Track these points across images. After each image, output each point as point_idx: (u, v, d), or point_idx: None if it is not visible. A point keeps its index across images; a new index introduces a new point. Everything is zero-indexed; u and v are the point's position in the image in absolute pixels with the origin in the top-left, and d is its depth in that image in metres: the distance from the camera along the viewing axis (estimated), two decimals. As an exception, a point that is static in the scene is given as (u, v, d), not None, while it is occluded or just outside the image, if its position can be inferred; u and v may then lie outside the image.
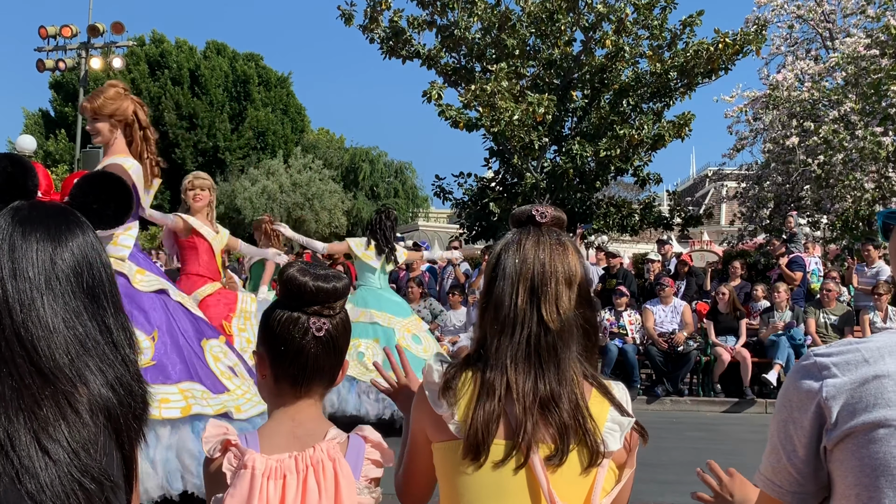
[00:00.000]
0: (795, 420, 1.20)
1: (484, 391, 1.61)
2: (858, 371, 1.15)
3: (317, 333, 1.69)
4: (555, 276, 1.65)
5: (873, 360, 1.15)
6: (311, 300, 1.70)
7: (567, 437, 1.57)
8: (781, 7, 16.62)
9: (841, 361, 1.17)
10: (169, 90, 33.60)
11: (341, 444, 1.70)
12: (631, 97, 15.94)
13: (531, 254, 1.66)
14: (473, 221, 17.13)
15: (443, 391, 1.65)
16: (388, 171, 38.67)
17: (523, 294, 1.64)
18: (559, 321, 1.63)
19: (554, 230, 1.72)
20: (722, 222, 29.91)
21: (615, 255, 12.37)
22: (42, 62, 18.60)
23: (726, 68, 15.67)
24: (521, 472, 1.58)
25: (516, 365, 1.61)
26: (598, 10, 15.50)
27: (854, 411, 1.13)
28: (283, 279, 1.71)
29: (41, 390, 1.13)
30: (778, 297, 10.32)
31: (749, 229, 16.86)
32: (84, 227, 1.26)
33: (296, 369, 1.71)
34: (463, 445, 1.60)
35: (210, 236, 6.03)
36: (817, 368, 1.19)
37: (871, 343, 1.18)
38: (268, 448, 1.67)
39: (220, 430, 1.71)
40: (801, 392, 1.19)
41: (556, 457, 1.57)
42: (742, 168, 17.78)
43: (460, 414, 1.62)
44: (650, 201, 17.47)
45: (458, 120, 15.82)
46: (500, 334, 1.64)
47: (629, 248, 20.70)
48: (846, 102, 13.55)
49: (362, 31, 16.52)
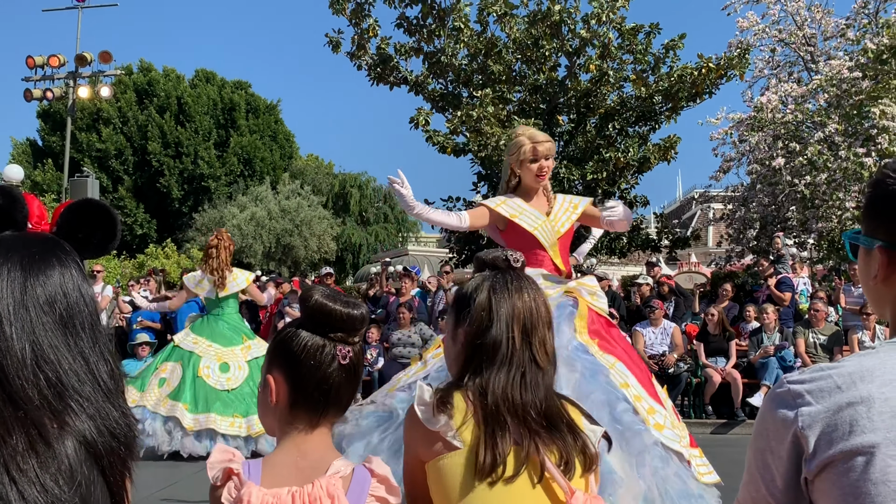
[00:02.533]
0: (773, 449, 1.18)
1: (485, 415, 1.74)
2: (832, 398, 1.13)
3: (342, 361, 1.65)
4: (541, 320, 1.84)
5: (846, 387, 1.13)
6: (339, 327, 1.65)
7: (570, 450, 1.76)
8: (763, 31, 16.86)
9: (815, 389, 1.15)
10: (154, 119, 33.63)
11: (344, 479, 1.64)
12: (616, 121, 16.08)
13: (518, 300, 1.83)
14: (463, 246, 17.17)
15: (438, 406, 1.73)
16: (377, 196, 38.74)
17: (518, 336, 1.81)
18: (547, 360, 1.84)
19: (524, 274, 1.92)
20: (709, 244, 30.08)
21: (604, 278, 12.40)
22: (30, 92, 18.60)
23: (710, 92, 15.84)
24: (538, 486, 1.72)
25: (512, 393, 1.76)
26: (581, 35, 15.67)
27: (831, 440, 1.11)
28: (309, 304, 1.65)
29: (11, 418, 1.10)
30: (767, 319, 10.36)
31: (736, 251, 16.96)
32: (64, 257, 1.24)
33: (318, 397, 1.65)
34: (474, 461, 1.70)
35: None
36: (791, 396, 1.17)
37: (843, 368, 1.16)
38: (269, 480, 1.62)
39: (226, 457, 1.65)
40: (777, 421, 1.17)
41: (564, 468, 1.74)
42: (728, 190, 17.92)
43: (458, 426, 1.72)
44: (638, 224, 17.55)
45: (445, 145, 15.91)
46: (496, 370, 1.79)
47: (617, 271, 20.75)
48: (829, 124, 13.72)
49: (350, 58, 16.63)
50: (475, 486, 1.69)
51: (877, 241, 1.26)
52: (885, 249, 1.24)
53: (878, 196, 1.26)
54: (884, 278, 1.25)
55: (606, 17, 15.39)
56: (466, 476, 1.70)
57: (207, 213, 30.82)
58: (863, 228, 1.30)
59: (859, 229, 1.33)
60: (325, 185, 37.04)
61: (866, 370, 1.15)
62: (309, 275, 23.86)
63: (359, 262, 34.82)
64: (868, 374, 1.14)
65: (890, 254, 1.24)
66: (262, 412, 1.73)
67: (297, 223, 31.07)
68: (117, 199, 32.68)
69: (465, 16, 16.13)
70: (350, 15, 16.30)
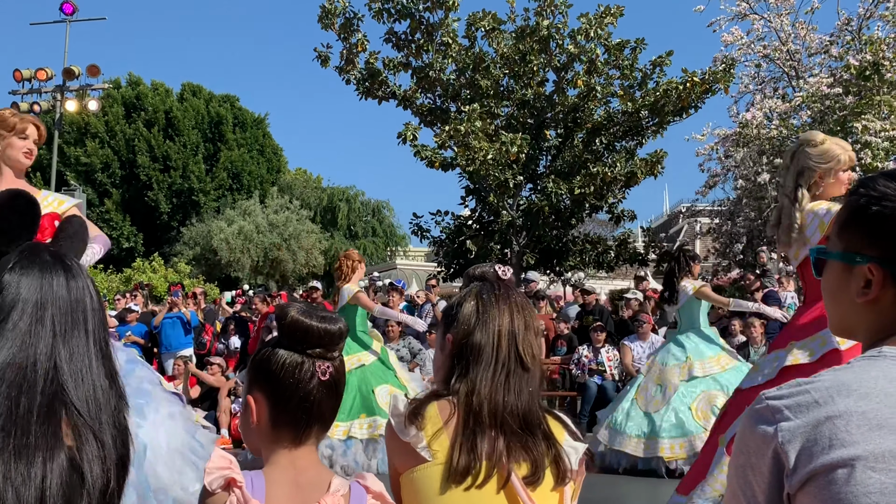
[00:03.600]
0: (753, 465, 1.18)
1: (467, 417, 1.76)
2: (811, 413, 1.14)
3: (322, 377, 1.64)
4: (527, 326, 1.88)
5: (823, 402, 1.14)
6: (316, 343, 1.64)
7: (541, 459, 1.76)
8: (748, 46, 17.04)
9: (793, 404, 1.16)
10: (142, 133, 33.56)
11: (344, 497, 1.63)
12: (604, 136, 16.19)
13: (505, 306, 1.88)
14: (451, 259, 17.18)
15: (409, 417, 1.75)
16: (366, 210, 38.74)
17: (505, 339, 1.85)
18: (533, 363, 1.86)
19: (512, 285, 1.97)
20: (696, 258, 30.17)
21: (591, 292, 12.44)
22: (17, 105, 18.52)
23: (696, 106, 15.98)
24: (501, 492, 1.72)
25: (496, 395, 1.79)
26: (569, 51, 15.79)
27: (812, 454, 1.12)
28: (286, 321, 1.64)
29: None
30: (753, 333, 10.39)
31: (723, 265, 17.06)
32: None
33: (300, 414, 1.64)
34: (447, 467, 1.71)
35: None
36: (770, 412, 1.17)
37: (820, 383, 1.17)
38: (272, 496, 1.60)
39: (225, 464, 1.62)
40: (757, 437, 1.18)
41: (533, 476, 1.74)
42: (715, 204, 18.05)
43: (428, 438, 1.74)
44: (625, 238, 17.63)
45: (433, 160, 15.96)
46: (482, 369, 1.81)
47: (605, 285, 20.82)
48: (814, 139, 13.84)
49: (339, 72, 16.69)
50: (443, 496, 1.71)
51: (863, 257, 1.24)
52: (880, 267, 1.22)
53: (863, 209, 1.23)
54: (876, 298, 1.23)
55: (594, 32, 15.52)
56: (435, 487, 1.72)
57: (195, 227, 30.71)
58: (839, 244, 1.29)
59: (823, 246, 1.32)
60: (313, 199, 37.00)
61: (843, 384, 1.16)
62: (297, 289, 23.80)
63: (347, 276, 34.71)
64: (845, 388, 1.15)
65: (885, 272, 1.22)
66: (244, 433, 1.72)
67: (286, 237, 31.00)
68: (103, 212, 32.52)
69: (453, 31, 16.23)
70: (339, 30, 16.37)
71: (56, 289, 1.24)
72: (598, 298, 12.97)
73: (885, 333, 1.25)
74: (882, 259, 1.22)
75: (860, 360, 1.21)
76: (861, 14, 16.06)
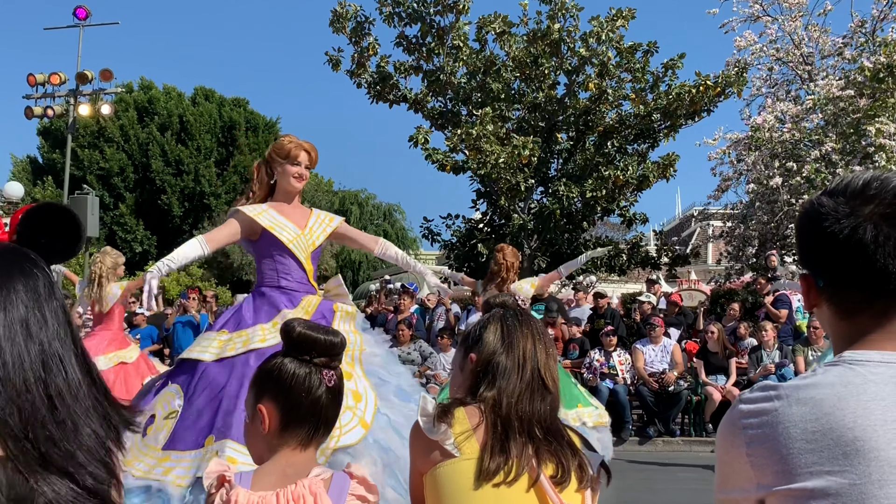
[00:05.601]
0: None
1: (495, 421, 1.84)
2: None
3: (328, 384, 1.78)
4: (547, 353, 1.98)
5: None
6: (322, 353, 1.78)
7: (567, 463, 1.84)
8: (761, 50, 16.94)
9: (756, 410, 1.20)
10: (156, 137, 33.75)
11: (325, 480, 1.75)
12: (615, 139, 16.14)
13: (528, 332, 1.99)
14: (462, 263, 17.16)
15: (439, 416, 1.83)
16: (377, 213, 38.81)
17: (529, 368, 1.94)
18: (554, 386, 1.96)
19: (530, 314, 2.08)
20: (709, 261, 30.05)
21: (603, 296, 12.39)
22: (30, 109, 18.64)
23: (709, 110, 15.92)
24: (531, 491, 1.80)
25: (522, 403, 1.88)
26: (580, 54, 15.75)
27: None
28: (294, 335, 1.78)
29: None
30: (765, 336, 10.33)
31: (736, 268, 16.95)
32: (29, 268, 1.20)
33: (310, 420, 1.78)
34: (478, 466, 1.78)
35: None
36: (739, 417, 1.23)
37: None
38: (258, 486, 1.74)
39: (221, 467, 1.78)
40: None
41: (559, 477, 1.82)
42: (727, 207, 17.95)
43: (456, 436, 1.82)
44: (637, 241, 17.56)
45: (444, 163, 15.96)
46: (508, 381, 1.91)
47: (617, 288, 20.74)
48: (827, 142, 13.76)
49: (350, 76, 16.72)
50: (471, 493, 1.77)
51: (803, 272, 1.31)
52: (807, 279, 1.30)
53: (805, 229, 1.30)
54: (809, 307, 1.31)
55: (606, 36, 15.48)
56: (463, 483, 1.78)
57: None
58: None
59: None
60: (324, 202, 37.03)
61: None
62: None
63: (358, 280, 34.80)
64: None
65: (809, 282, 1.29)
66: (251, 442, 1.85)
67: (297, 240, 31.01)
68: (117, 215, 32.72)
69: (464, 34, 16.24)
70: (350, 34, 16.41)
71: None
72: (610, 302, 12.92)
73: None
74: (810, 272, 1.30)
75: (821, 369, 1.25)
76: (875, 16, 15.94)
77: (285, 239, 3.88)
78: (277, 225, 3.91)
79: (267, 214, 3.93)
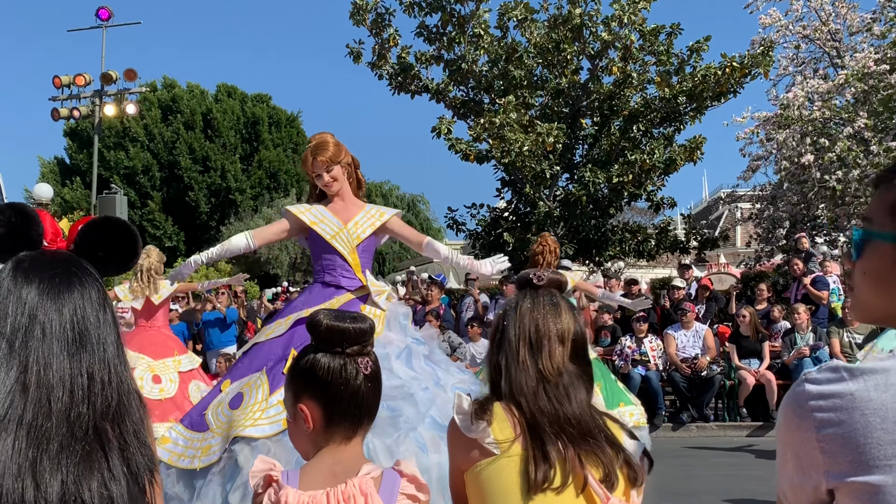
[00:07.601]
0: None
1: (528, 418, 1.80)
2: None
3: (365, 372, 1.74)
4: (548, 335, 1.87)
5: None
6: (353, 342, 1.74)
7: (611, 463, 1.78)
8: (786, 28, 16.65)
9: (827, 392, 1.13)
10: (182, 135, 34.08)
11: (375, 479, 1.71)
12: (641, 123, 15.96)
13: (527, 316, 1.89)
14: (488, 252, 17.08)
15: (476, 413, 1.80)
16: (401, 204, 38.80)
17: (523, 351, 1.86)
18: (555, 373, 1.84)
19: (549, 291, 1.94)
20: (738, 244, 29.72)
21: (636, 282, 12.28)
22: (57, 111, 18.86)
23: (735, 91, 15.68)
24: (581, 496, 1.75)
25: (539, 400, 1.82)
26: (603, 38, 15.57)
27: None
28: (322, 328, 1.74)
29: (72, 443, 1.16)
30: (799, 319, 10.19)
31: (766, 250, 16.73)
32: (85, 278, 1.24)
33: (353, 411, 1.74)
34: (528, 475, 1.74)
35: None
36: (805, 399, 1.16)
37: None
38: (306, 485, 1.70)
39: (267, 466, 1.75)
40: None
41: (606, 480, 1.77)
42: (755, 189, 17.70)
43: (495, 433, 1.78)
44: (665, 226, 17.39)
45: (468, 153, 15.89)
46: (514, 380, 1.85)
47: (646, 274, 20.57)
48: (858, 119, 13.49)
49: (371, 68, 16.69)
50: (519, 497, 1.73)
51: None
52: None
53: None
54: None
55: (628, 18, 15.29)
56: (508, 480, 1.75)
57: (234, 226, 31.07)
58: (891, 224, 1.18)
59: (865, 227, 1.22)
60: (349, 195, 37.23)
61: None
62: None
63: (384, 271, 34.88)
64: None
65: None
66: (296, 440, 1.82)
67: (323, 234, 31.17)
68: (146, 213, 33.11)
69: (484, 22, 16.13)
70: (370, 25, 16.36)
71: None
72: (640, 288, 12.81)
73: None
74: None
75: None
76: (905, -11, 15.59)
77: (327, 235, 4.07)
78: (321, 221, 4.10)
79: (311, 213, 4.13)
